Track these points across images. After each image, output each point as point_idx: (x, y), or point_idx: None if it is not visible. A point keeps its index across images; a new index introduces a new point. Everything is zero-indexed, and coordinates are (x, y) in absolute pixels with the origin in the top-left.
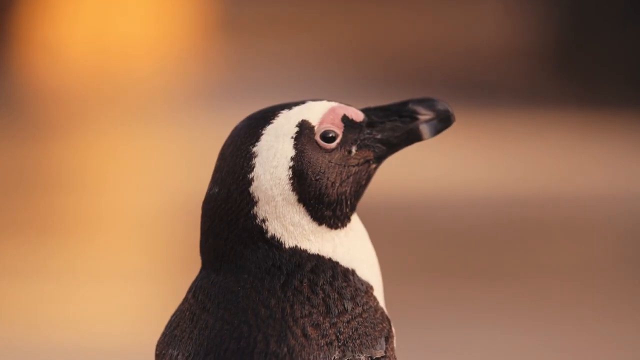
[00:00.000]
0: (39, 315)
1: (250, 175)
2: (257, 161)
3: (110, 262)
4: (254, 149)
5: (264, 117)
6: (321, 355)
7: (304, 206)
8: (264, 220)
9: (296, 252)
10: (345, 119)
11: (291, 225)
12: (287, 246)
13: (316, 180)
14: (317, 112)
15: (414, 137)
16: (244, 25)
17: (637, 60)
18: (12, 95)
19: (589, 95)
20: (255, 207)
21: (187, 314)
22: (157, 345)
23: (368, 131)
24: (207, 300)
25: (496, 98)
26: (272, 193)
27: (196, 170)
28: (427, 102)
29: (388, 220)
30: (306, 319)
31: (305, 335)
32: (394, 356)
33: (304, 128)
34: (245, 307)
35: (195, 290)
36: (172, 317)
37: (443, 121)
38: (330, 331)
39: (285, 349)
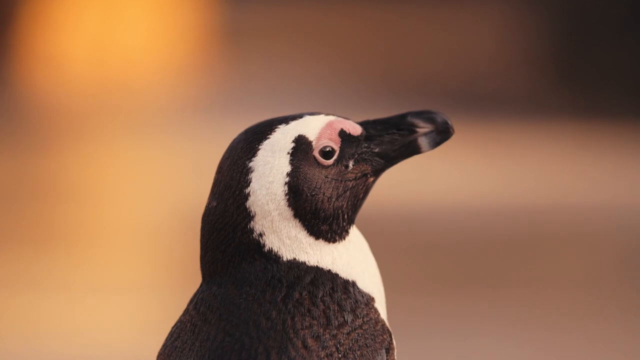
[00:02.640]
0: (40, 327)
1: (247, 190)
2: (254, 176)
3: (111, 273)
4: (250, 164)
5: (261, 132)
6: None
7: (300, 221)
8: (260, 235)
9: (294, 264)
10: (342, 134)
11: (288, 239)
12: (284, 259)
13: (312, 195)
14: (315, 127)
15: (413, 150)
16: (245, 36)
17: (638, 69)
18: (13, 107)
19: (589, 104)
20: (252, 222)
21: (188, 325)
22: (158, 357)
23: (366, 145)
24: (208, 312)
25: (497, 108)
26: (268, 208)
27: (197, 181)
28: (426, 115)
29: (390, 231)
30: (307, 331)
31: (305, 346)
32: None
33: (301, 143)
34: (246, 319)
35: (197, 302)
36: (172, 328)
37: (442, 133)
38: (330, 343)
39: None
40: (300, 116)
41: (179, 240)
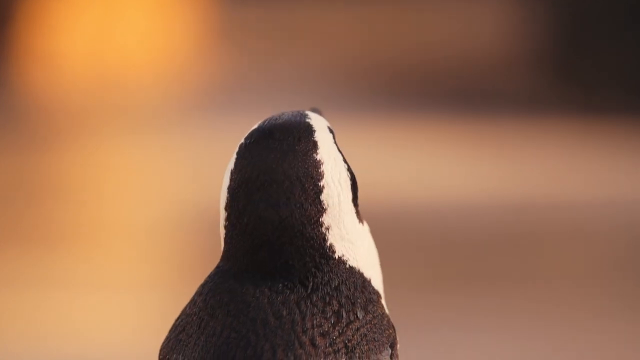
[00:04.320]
0: (38, 325)
1: (321, 183)
2: (325, 168)
3: (110, 272)
4: (318, 157)
5: (302, 126)
6: None
7: (354, 207)
8: (328, 228)
9: (334, 265)
10: None
11: (345, 230)
12: (335, 256)
13: (355, 180)
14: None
15: None
16: (245, 35)
17: (637, 66)
18: (11, 106)
19: (589, 102)
20: (324, 215)
21: (195, 318)
22: (161, 350)
23: None
24: (217, 306)
25: (495, 106)
26: (339, 199)
27: (196, 179)
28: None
29: (390, 228)
30: (316, 329)
31: (313, 344)
32: None
33: (332, 134)
34: (254, 316)
35: (207, 293)
36: (177, 320)
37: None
38: (339, 339)
39: (292, 358)
40: (303, 111)
41: (178, 239)
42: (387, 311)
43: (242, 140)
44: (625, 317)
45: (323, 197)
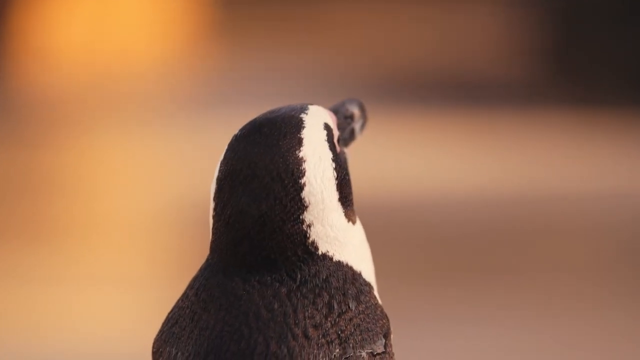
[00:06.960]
0: (35, 321)
1: (302, 181)
2: (307, 166)
3: (106, 266)
4: (301, 154)
5: (292, 121)
6: (320, 354)
7: (341, 205)
8: (309, 225)
9: (320, 260)
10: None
11: (329, 227)
12: (319, 253)
13: (347, 179)
14: (328, 116)
15: (352, 136)
16: (241, 29)
17: (636, 59)
18: (6, 101)
19: (588, 94)
20: (305, 212)
21: (187, 311)
22: (154, 342)
23: (339, 132)
24: (209, 300)
25: (494, 98)
26: (322, 197)
27: (192, 173)
28: (356, 103)
29: (387, 221)
30: (308, 321)
31: (306, 335)
32: (393, 352)
33: (329, 131)
34: (246, 310)
35: (199, 287)
36: (169, 313)
37: (365, 120)
38: (331, 330)
39: (285, 350)
40: (305, 105)
41: (175, 233)
42: (380, 302)
43: (237, 132)
44: (623, 308)
45: (304, 194)
